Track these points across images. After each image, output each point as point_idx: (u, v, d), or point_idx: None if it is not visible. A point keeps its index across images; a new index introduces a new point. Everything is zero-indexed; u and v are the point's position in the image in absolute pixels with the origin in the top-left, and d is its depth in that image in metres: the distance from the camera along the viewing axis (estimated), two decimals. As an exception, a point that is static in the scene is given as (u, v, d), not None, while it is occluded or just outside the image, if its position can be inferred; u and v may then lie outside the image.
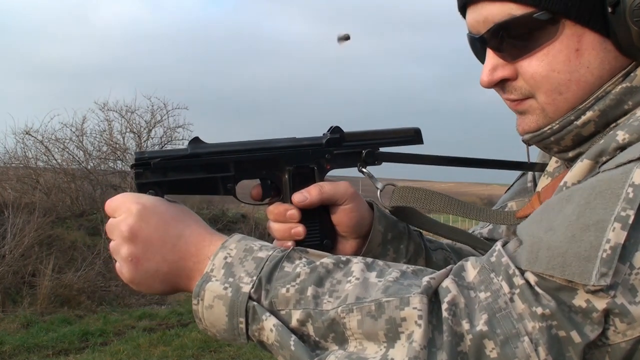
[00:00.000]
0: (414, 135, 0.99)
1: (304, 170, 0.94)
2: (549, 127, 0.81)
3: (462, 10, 0.84)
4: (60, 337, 6.05)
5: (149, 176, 0.88)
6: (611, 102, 0.77)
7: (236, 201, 0.98)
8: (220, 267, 0.76)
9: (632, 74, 0.76)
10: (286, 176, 0.93)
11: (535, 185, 1.04)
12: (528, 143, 0.88)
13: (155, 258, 0.80)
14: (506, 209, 1.07)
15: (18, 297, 7.02)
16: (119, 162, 12.13)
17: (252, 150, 0.93)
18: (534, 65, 0.78)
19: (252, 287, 0.73)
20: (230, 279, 0.74)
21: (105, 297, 7.59)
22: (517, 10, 0.76)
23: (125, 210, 0.81)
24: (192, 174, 0.90)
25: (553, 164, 0.94)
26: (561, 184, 0.77)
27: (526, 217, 0.87)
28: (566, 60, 0.76)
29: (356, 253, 0.95)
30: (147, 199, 0.83)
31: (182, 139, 12.41)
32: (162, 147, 12.30)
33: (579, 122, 0.79)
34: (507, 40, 0.79)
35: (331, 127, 0.96)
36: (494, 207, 1.10)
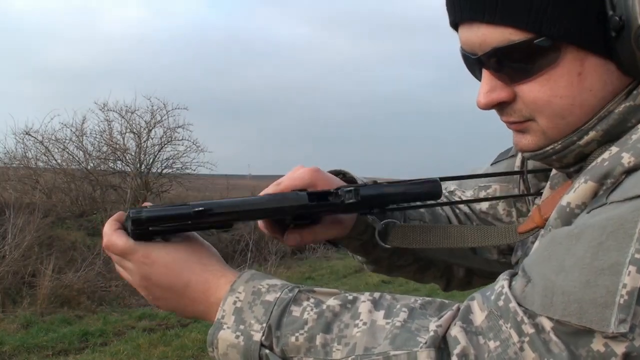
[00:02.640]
0: (433, 191, 0.93)
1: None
2: (551, 147, 0.79)
3: (454, 24, 0.81)
4: (60, 338, 6.05)
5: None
6: (614, 122, 0.74)
7: None
8: (231, 313, 0.77)
9: (634, 92, 0.74)
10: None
11: (523, 178, 1.01)
12: (528, 159, 0.87)
13: (170, 301, 0.84)
14: (489, 190, 1.05)
15: (18, 297, 7.02)
16: (119, 162, 12.14)
17: (254, 212, 0.87)
18: (535, 91, 0.75)
19: (263, 335, 0.74)
20: (242, 327, 0.76)
21: (105, 298, 7.59)
22: (516, 35, 0.72)
23: (133, 259, 0.83)
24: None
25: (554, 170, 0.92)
26: (564, 204, 0.76)
27: (528, 232, 0.86)
28: (569, 85, 0.73)
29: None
30: (152, 249, 0.83)
31: (182, 139, 12.42)
32: (162, 147, 12.30)
33: (581, 142, 0.77)
34: (505, 64, 0.75)
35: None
36: (480, 183, 1.07)
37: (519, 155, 1.02)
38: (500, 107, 0.79)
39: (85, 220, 9.89)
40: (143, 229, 0.82)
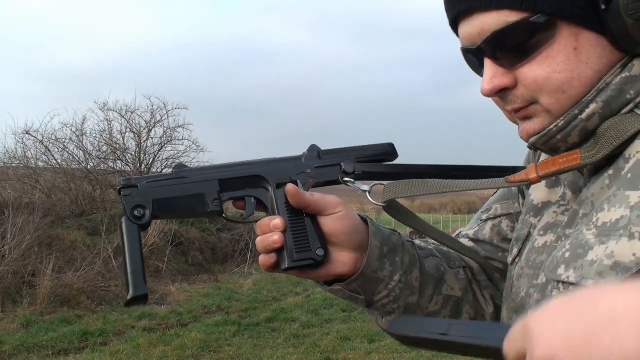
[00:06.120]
0: (388, 150, 1.01)
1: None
2: (554, 124, 0.80)
3: (454, 23, 0.83)
4: (60, 337, 6.06)
5: (136, 197, 0.90)
6: (613, 93, 0.77)
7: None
8: None
9: (629, 65, 0.77)
10: (270, 191, 0.95)
11: (520, 190, 1.02)
12: (534, 147, 0.85)
13: None
14: (491, 212, 1.07)
15: (18, 297, 7.03)
16: (119, 162, 12.15)
17: (235, 167, 0.96)
18: (535, 70, 0.77)
19: None
20: None
21: (105, 297, 7.60)
22: (512, 16, 0.76)
23: None
24: (179, 193, 0.93)
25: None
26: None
27: (517, 182, 0.86)
28: (566, 59, 0.76)
29: (354, 266, 0.94)
30: None
31: (182, 139, 12.44)
32: (162, 147, 12.33)
33: (583, 116, 0.78)
34: (505, 47, 0.78)
35: (310, 146, 1.00)
36: (481, 210, 1.10)
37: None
38: (504, 95, 0.81)
39: (85, 220, 9.89)
40: (131, 185, 0.91)
